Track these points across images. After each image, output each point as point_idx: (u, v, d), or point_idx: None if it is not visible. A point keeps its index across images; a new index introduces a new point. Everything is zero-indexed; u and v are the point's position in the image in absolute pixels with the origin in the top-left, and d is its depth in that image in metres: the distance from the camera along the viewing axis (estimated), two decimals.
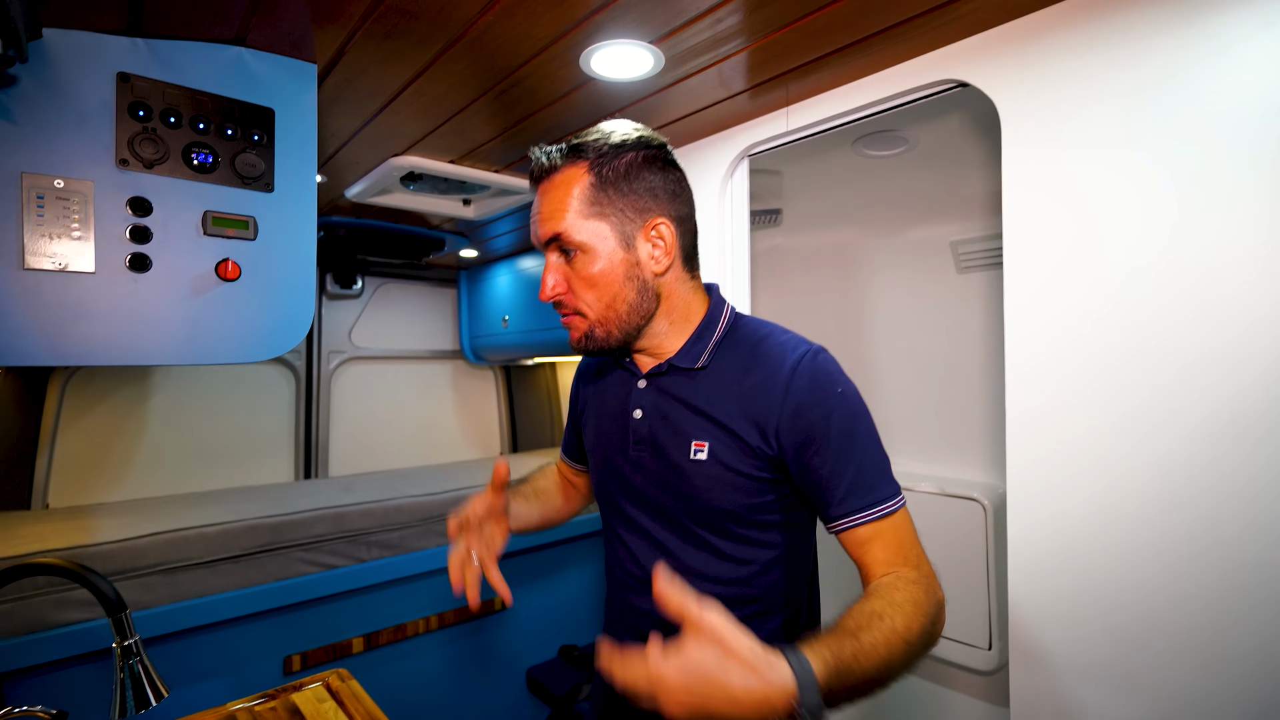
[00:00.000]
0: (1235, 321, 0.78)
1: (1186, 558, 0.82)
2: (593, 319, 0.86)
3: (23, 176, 0.86)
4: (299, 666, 1.80)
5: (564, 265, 0.85)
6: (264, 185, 1.04)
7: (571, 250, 0.84)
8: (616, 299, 0.85)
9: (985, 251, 1.76)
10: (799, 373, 0.83)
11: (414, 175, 1.71)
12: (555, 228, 0.83)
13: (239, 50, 1.03)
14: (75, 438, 2.21)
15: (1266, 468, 0.76)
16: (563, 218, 0.83)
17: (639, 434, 0.91)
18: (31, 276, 0.86)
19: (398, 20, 0.96)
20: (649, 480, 0.90)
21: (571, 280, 0.85)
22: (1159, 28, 0.84)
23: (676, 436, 0.87)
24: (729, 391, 0.85)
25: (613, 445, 0.96)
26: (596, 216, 0.83)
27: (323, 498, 2.07)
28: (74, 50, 0.90)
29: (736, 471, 0.84)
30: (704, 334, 0.89)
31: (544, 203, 0.85)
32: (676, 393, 0.89)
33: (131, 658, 0.89)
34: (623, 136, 0.85)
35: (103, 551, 1.58)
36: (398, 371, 3.07)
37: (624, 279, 0.84)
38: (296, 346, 2.71)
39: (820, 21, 0.99)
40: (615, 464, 0.95)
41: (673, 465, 0.87)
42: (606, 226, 0.83)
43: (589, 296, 0.84)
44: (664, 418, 0.89)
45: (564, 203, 0.83)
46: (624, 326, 0.86)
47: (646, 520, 0.92)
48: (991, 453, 1.80)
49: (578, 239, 0.83)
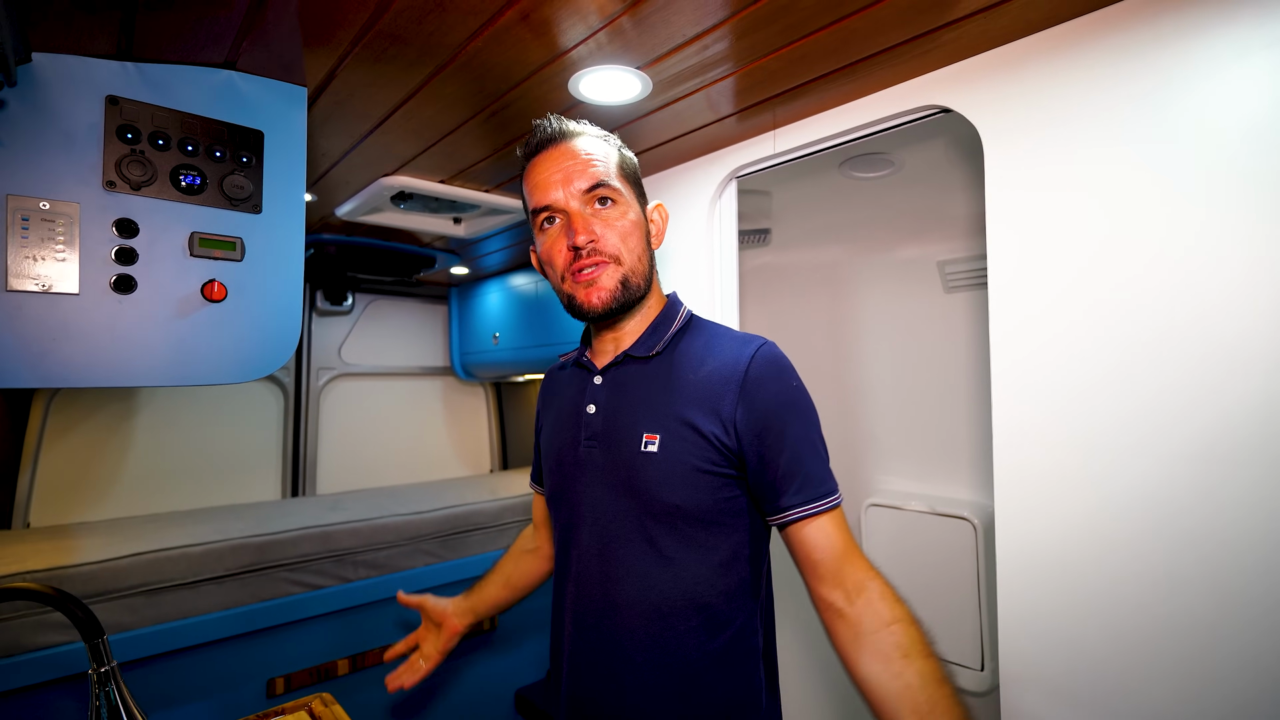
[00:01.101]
0: (1223, 340, 0.80)
1: (1176, 578, 0.83)
2: (628, 265, 0.88)
3: (8, 199, 0.85)
4: (283, 689, 1.77)
5: (592, 216, 0.88)
6: (252, 207, 1.04)
7: (609, 199, 0.88)
8: (642, 253, 0.91)
9: (972, 271, 1.78)
10: (757, 360, 0.85)
11: (405, 194, 1.72)
12: (599, 176, 0.88)
13: (229, 74, 1.03)
14: (58, 455, 2.18)
15: (1256, 488, 0.77)
16: (604, 168, 0.89)
17: (591, 429, 0.91)
18: (14, 298, 0.86)
19: (388, 45, 0.97)
20: (598, 476, 0.89)
21: (603, 230, 0.87)
22: (1137, 55, 0.86)
23: (628, 430, 0.87)
24: (684, 380, 0.86)
25: (565, 444, 0.95)
26: (623, 179, 0.91)
27: (309, 516, 2.05)
28: (63, 74, 0.90)
29: (689, 466, 0.83)
30: (660, 326, 0.93)
31: (574, 160, 0.88)
32: (630, 385, 0.90)
33: (108, 685, 0.88)
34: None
35: (84, 572, 1.55)
36: (388, 388, 3.06)
37: (643, 238, 0.92)
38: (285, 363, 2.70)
39: (806, 48, 1.01)
40: (565, 463, 0.94)
41: (623, 459, 0.86)
42: (631, 190, 0.92)
43: (626, 245, 0.88)
44: (616, 411, 0.89)
45: (601, 158, 0.89)
46: (643, 282, 0.91)
47: (597, 520, 0.89)
48: (980, 471, 1.81)
49: (616, 186, 0.89)
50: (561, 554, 0.96)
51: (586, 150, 0.89)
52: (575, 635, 0.91)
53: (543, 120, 0.92)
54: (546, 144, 0.90)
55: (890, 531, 1.89)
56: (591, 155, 0.89)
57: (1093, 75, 0.90)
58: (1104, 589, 0.89)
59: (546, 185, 0.88)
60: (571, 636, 0.92)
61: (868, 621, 0.80)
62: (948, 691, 0.76)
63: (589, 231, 0.86)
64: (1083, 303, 0.91)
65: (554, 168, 0.88)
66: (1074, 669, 0.91)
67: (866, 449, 2.03)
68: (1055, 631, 0.93)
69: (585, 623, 0.90)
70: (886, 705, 0.77)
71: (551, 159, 0.89)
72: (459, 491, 2.51)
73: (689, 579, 0.84)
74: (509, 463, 3.34)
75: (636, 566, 0.86)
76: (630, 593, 0.86)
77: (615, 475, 0.87)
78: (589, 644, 0.89)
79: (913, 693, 0.76)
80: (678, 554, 0.84)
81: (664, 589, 0.84)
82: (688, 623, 0.84)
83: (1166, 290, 0.84)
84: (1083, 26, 0.91)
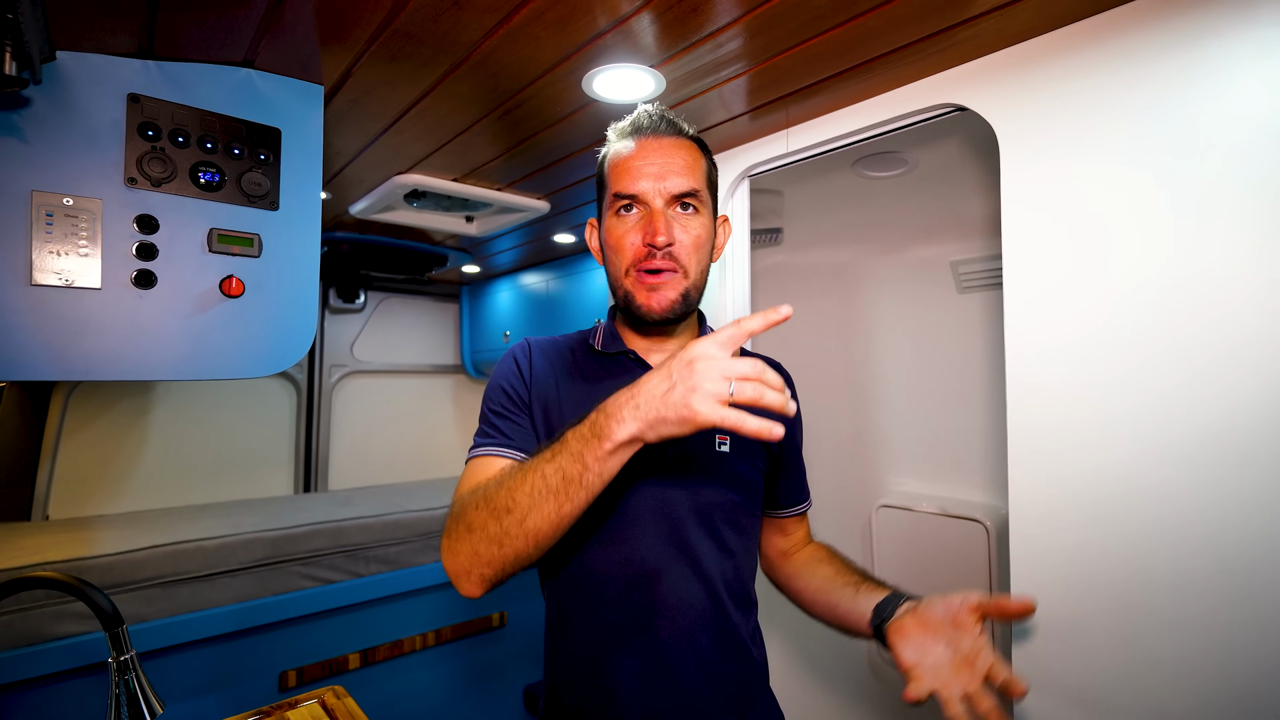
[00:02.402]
0: (1236, 341, 0.79)
1: (1192, 582, 0.82)
2: (692, 280, 0.88)
3: (32, 194, 0.87)
4: (295, 683, 1.79)
5: (673, 222, 0.86)
6: (269, 203, 1.05)
7: (694, 207, 0.88)
8: (706, 267, 0.91)
9: (986, 272, 1.76)
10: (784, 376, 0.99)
11: (418, 193, 1.73)
12: (692, 183, 0.87)
13: (248, 72, 1.04)
14: (76, 449, 2.22)
15: (1271, 488, 0.76)
16: (696, 176, 0.88)
17: None
18: (38, 292, 0.87)
19: (403, 44, 0.98)
20: (663, 471, 0.87)
21: (682, 234, 0.87)
22: (1155, 54, 0.85)
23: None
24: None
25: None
26: (707, 192, 0.91)
27: (322, 512, 2.07)
28: (86, 72, 0.92)
29: (752, 465, 0.94)
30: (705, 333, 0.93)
31: (672, 159, 0.87)
32: None
33: (127, 673, 0.89)
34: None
35: (101, 564, 1.58)
36: (399, 385, 3.08)
37: (709, 252, 0.92)
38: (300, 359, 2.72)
39: (820, 46, 1.00)
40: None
41: (695, 456, 0.89)
42: (710, 204, 0.92)
43: (695, 257, 0.88)
44: None
45: (696, 165, 0.89)
46: (699, 295, 0.91)
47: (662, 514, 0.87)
48: (993, 473, 1.80)
49: (703, 196, 0.89)
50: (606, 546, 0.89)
51: (687, 153, 0.89)
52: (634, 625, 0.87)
53: (646, 109, 0.91)
54: (648, 131, 0.89)
55: (901, 533, 1.88)
56: (690, 160, 0.88)
57: (1110, 73, 0.89)
58: (1119, 593, 0.88)
59: (638, 173, 0.86)
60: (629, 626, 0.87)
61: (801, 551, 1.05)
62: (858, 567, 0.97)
63: (669, 234, 0.85)
64: (1099, 303, 0.90)
65: (651, 159, 0.86)
66: (1088, 673, 0.90)
67: (878, 450, 2.03)
68: (1069, 635, 0.92)
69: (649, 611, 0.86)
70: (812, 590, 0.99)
71: (650, 149, 0.87)
72: None
73: (742, 568, 0.93)
74: None
75: (704, 559, 0.88)
76: (695, 583, 0.87)
77: (686, 471, 0.88)
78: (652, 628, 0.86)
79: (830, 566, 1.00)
80: (736, 545, 0.91)
81: (726, 578, 0.89)
82: (739, 607, 0.92)
83: (1185, 291, 0.83)
84: (1100, 24, 0.90)
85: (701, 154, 0.92)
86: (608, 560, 0.87)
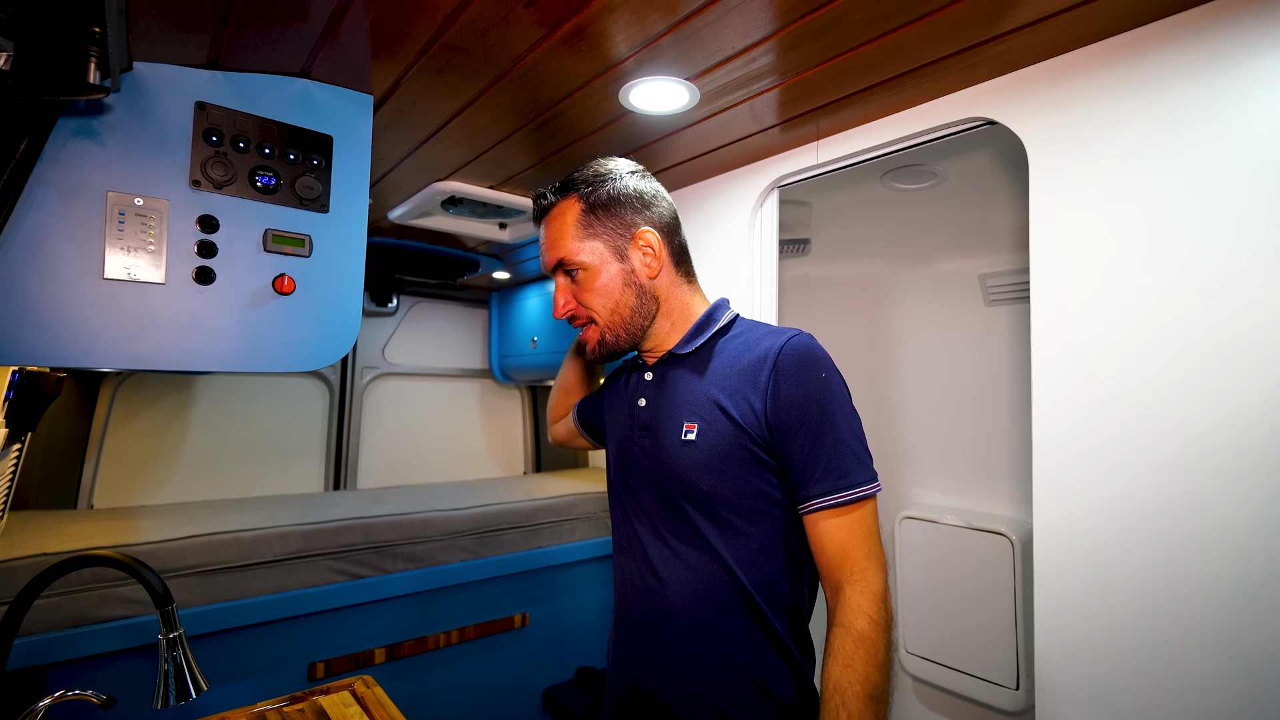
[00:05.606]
0: (1268, 356, 0.79)
1: (1219, 595, 0.82)
2: (603, 325, 0.98)
3: (108, 195, 0.93)
4: (322, 674, 1.83)
5: (571, 284, 0.99)
6: (320, 206, 1.11)
7: (574, 270, 0.97)
8: (619, 304, 0.97)
9: (1013, 285, 1.76)
10: (786, 351, 0.87)
11: (454, 199, 1.78)
12: (559, 254, 0.97)
13: (304, 82, 1.10)
14: (122, 441, 2.31)
15: None
16: (564, 244, 0.97)
17: (641, 420, 0.99)
18: (109, 286, 0.93)
19: (451, 56, 1.03)
20: (649, 465, 0.97)
21: (579, 295, 0.98)
22: (1188, 71, 0.86)
23: (671, 421, 0.94)
24: (720, 372, 0.92)
25: (624, 436, 1.03)
26: (591, 237, 0.96)
27: (352, 508, 2.12)
28: (160, 81, 0.98)
29: (722, 452, 0.87)
30: (703, 327, 0.98)
31: (546, 234, 1.00)
32: (675, 380, 0.97)
33: (175, 649, 0.94)
34: (604, 167, 0.99)
35: (144, 551, 1.64)
36: (428, 389, 3.14)
37: (623, 286, 0.97)
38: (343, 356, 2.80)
39: (851, 61, 1.03)
40: (625, 450, 1.02)
41: (667, 448, 0.93)
42: (600, 244, 0.96)
43: (596, 303, 0.97)
44: (661, 404, 0.97)
45: (563, 231, 0.97)
46: (630, 329, 0.98)
47: (648, 504, 0.97)
48: (1019, 487, 1.78)
49: (578, 259, 0.96)
50: (621, 535, 1.04)
51: (557, 223, 0.98)
52: (631, 612, 0.99)
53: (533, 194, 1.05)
54: (536, 221, 1.04)
55: (924, 545, 1.87)
56: (556, 230, 0.98)
57: (1140, 90, 0.90)
58: (1146, 606, 0.88)
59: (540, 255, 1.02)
60: (627, 612, 1.00)
61: (839, 615, 0.81)
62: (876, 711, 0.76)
63: (562, 306, 0.99)
64: (1127, 318, 0.91)
65: (540, 242, 1.02)
66: (1114, 687, 0.90)
67: (902, 462, 2.02)
68: (1095, 650, 0.92)
69: (638, 601, 0.97)
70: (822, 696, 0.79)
71: (541, 230, 1.02)
72: (494, 491, 2.57)
73: (726, 565, 0.89)
74: (541, 465, 3.39)
75: (680, 551, 0.92)
76: (677, 576, 0.92)
77: (661, 463, 0.94)
78: (643, 619, 0.97)
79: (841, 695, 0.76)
80: (716, 540, 0.90)
81: (706, 573, 0.90)
82: (723, 607, 0.89)
83: (1214, 308, 0.83)
84: (1131, 40, 0.91)
85: (570, 205, 0.97)
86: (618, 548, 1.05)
